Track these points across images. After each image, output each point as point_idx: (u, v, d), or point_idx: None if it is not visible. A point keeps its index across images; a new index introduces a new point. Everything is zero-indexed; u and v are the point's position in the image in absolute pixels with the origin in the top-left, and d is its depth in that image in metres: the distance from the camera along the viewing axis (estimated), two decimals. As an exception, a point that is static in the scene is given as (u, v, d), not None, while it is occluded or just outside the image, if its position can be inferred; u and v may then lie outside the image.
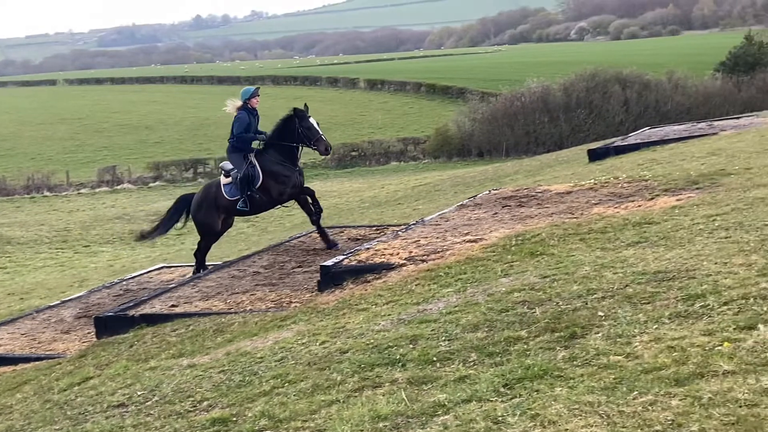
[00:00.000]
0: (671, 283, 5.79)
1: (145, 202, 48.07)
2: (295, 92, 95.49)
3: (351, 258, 9.03)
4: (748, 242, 6.44)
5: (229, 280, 10.47)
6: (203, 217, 12.57)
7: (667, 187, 10.05)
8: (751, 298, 5.08)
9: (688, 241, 6.92)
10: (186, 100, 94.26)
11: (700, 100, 59.59)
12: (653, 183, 10.58)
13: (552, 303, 5.96)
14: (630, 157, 16.37)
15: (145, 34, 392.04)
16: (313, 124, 12.02)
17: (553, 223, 8.96)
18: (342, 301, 7.90)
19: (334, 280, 8.60)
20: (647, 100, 59.13)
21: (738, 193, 8.64)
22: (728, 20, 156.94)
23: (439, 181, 29.51)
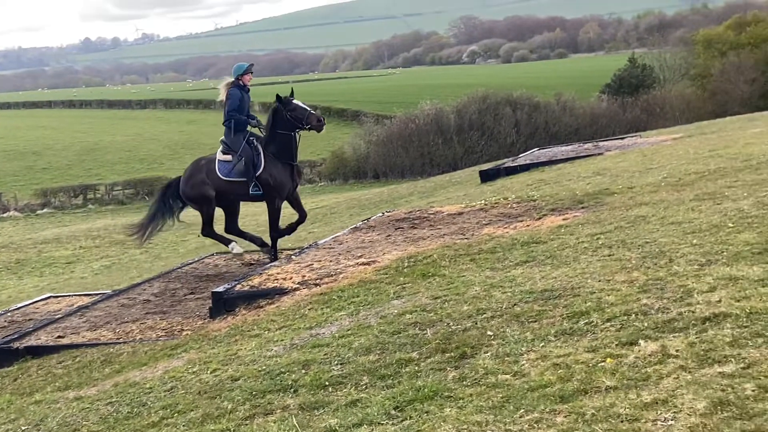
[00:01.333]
0: (557, 301, 5.92)
1: (33, 230, 46.38)
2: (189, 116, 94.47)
3: (243, 283, 8.93)
4: (629, 259, 6.65)
5: (118, 309, 10.20)
6: (193, 192, 11.78)
7: (555, 206, 10.29)
8: (632, 314, 5.23)
9: (574, 260, 7.10)
10: (75, 124, 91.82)
11: (588, 121, 61.46)
12: (541, 203, 10.82)
13: (443, 324, 6.01)
14: (520, 177, 16.74)
15: (31, 58, 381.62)
16: (299, 104, 11.56)
17: (445, 244, 9.06)
18: (234, 327, 7.80)
19: (227, 306, 8.49)
20: (537, 122, 60.61)
21: (621, 212, 8.92)
22: (613, 43, 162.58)
23: (335, 204, 29.48)
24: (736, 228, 6.97)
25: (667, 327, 4.86)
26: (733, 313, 4.81)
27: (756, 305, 4.85)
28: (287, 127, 11.46)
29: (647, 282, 5.88)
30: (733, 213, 7.60)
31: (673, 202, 8.85)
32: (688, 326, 4.79)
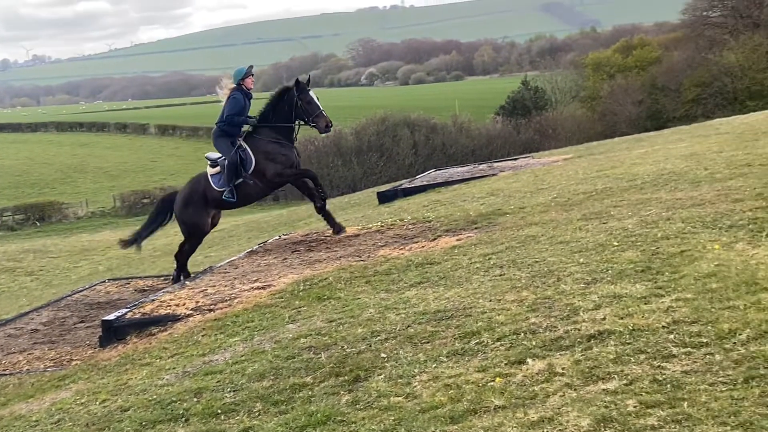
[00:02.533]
0: (450, 321, 5.99)
1: None
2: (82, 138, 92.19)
3: (135, 311, 8.73)
4: (519, 279, 6.78)
5: (4, 340, 9.84)
6: (191, 216, 11.41)
7: (449, 227, 10.41)
8: (521, 333, 5.33)
9: (466, 280, 7.19)
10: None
11: (483, 142, 62.64)
12: (436, 224, 10.94)
13: (337, 347, 6.00)
14: (416, 198, 16.87)
15: None
16: (314, 98, 11.13)
17: (341, 266, 9.06)
18: (125, 356, 7.61)
19: (117, 335, 8.28)
20: (435, 143, 61.45)
21: (512, 232, 9.09)
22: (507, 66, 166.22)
23: (234, 227, 29.15)
24: (620, 246, 7.18)
25: (554, 345, 4.97)
26: (616, 330, 4.95)
27: (638, 322, 5.00)
28: (291, 116, 11.09)
29: (536, 301, 6.00)
30: (618, 232, 7.83)
31: (562, 222, 9.07)
32: (574, 344, 4.91)
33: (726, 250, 6.37)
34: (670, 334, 4.73)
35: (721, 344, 4.43)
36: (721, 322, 4.71)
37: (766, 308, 4.80)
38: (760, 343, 4.32)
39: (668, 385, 4.07)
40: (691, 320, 4.87)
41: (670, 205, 8.88)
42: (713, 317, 4.83)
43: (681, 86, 65.65)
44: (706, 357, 4.31)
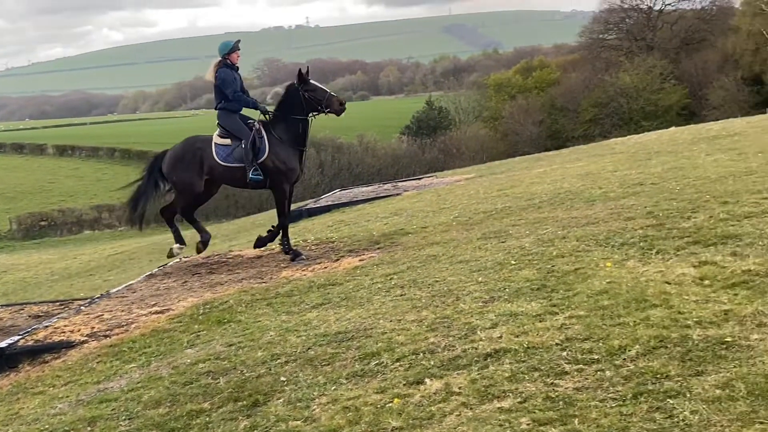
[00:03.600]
0: (350, 342, 5.99)
1: None
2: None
3: (28, 337, 8.44)
4: (420, 299, 6.83)
5: None
6: (180, 176, 10.71)
7: (352, 247, 10.43)
8: (420, 353, 5.36)
9: (368, 301, 7.21)
10: None
11: (389, 161, 63.03)
12: (339, 244, 10.95)
13: (236, 371, 5.93)
14: (321, 219, 16.86)
15: None
16: (318, 84, 10.78)
17: (243, 288, 8.97)
18: (17, 385, 7.34)
19: (9, 363, 7.97)
20: (341, 163, 61.52)
21: (414, 252, 9.16)
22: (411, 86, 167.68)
23: (136, 249, 28.58)
24: (518, 265, 7.32)
25: (452, 364, 5.01)
26: (512, 348, 5.03)
27: (533, 340, 5.09)
28: (301, 109, 10.58)
29: (435, 320, 6.05)
30: (516, 250, 7.98)
31: (462, 241, 9.18)
32: (471, 363, 4.96)
33: (617, 268, 6.56)
34: (563, 351, 4.83)
35: (611, 360, 4.54)
36: (612, 339, 4.83)
37: (655, 324, 4.95)
38: (649, 359, 4.45)
39: (560, 402, 4.15)
40: (584, 337, 4.98)
41: (566, 223, 9.09)
42: (604, 334, 4.96)
43: (579, 107, 67.45)
44: (597, 373, 4.41)
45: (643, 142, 22.90)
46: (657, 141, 21.76)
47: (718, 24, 71.36)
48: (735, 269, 5.90)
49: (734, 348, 4.38)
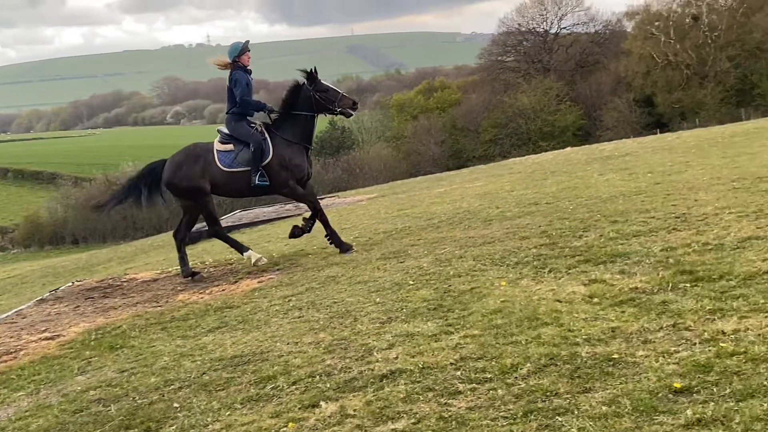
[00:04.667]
0: (246, 366, 5.91)
1: None
2: None
3: None
4: (318, 320, 6.80)
5: None
6: (182, 181, 10.26)
7: (251, 269, 10.33)
8: (317, 375, 5.33)
9: (265, 323, 7.14)
10: None
11: (292, 181, 62.67)
12: (238, 266, 10.83)
13: (129, 398, 5.78)
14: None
15: None
16: (329, 85, 10.45)
17: (137, 313, 8.78)
18: None
19: None
20: (242, 183, 60.88)
21: (313, 273, 9.13)
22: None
23: (28, 272, 27.68)
24: (415, 285, 7.37)
25: (348, 386, 5.00)
26: (407, 368, 5.05)
27: (428, 360, 5.12)
28: (309, 108, 10.36)
29: (333, 342, 6.03)
30: (414, 270, 8.04)
31: (362, 262, 9.20)
32: (367, 384, 4.96)
33: (512, 287, 6.67)
34: (457, 370, 4.87)
35: (503, 379, 4.60)
36: (505, 358, 4.90)
37: (546, 342, 5.04)
38: (539, 377, 4.53)
39: (453, 422, 4.18)
40: (477, 356, 5.04)
41: (464, 243, 9.21)
42: (498, 353, 5.02)
43: (479, 127, 68.66)
44: (489, 392, 4.46)
45: (540, 161, 23.44)
46: (553, 161, 22.31)
47: (611, 47, 73.67)
48: (623, 287, 6.07)
49: (621, 365, 4.49)
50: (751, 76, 63.05)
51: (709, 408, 3.75)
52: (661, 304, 5.45)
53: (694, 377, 4.12)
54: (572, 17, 76.73)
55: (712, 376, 4.10)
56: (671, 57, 65.47)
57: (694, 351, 4.47)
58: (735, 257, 6.39)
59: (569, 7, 76.30)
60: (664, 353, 4.52)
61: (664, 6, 68.55)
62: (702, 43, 64.99)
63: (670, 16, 66.93)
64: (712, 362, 4.25)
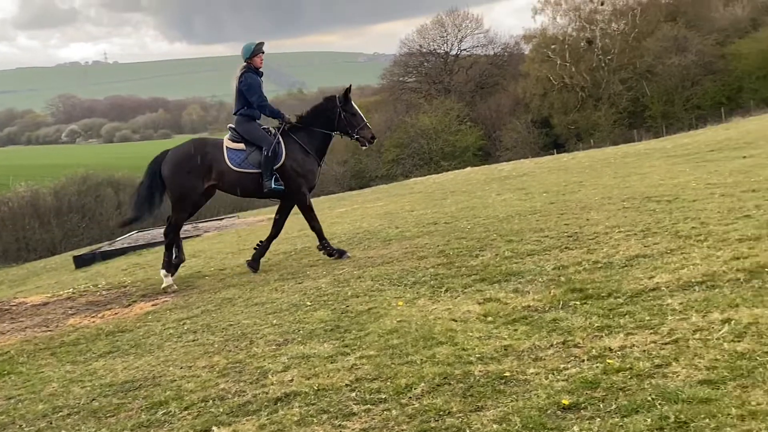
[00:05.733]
0: (137, 392, 5.76)
1: None
2: None
3: None
4: (212, 344, 6.69)
5: None
6: (182, 180, 9.96)
7: (146, 292, 10.12)
8: (210, 400, 5.24)
9: (158, 347, 6.99)
10: None
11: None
12: (132, 289, 10.60)
13: (15, 426, 5.57)
14: (116, 262, 16.29)
15: None
16: (357, 110, 10.21)
17: (25, 338, 8.48)
18: None
19: None
20: (141, 203, 59.66)
21: (209, 295, 9.00)
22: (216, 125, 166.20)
23: None
24: (313, 306, 7.33)
25: (242, 411, 4.93)
26: (302, 391, 5.01)
27: (323, 382, 5.09)
28: (330, 124, 10.23)
29: (227, 366, 5.94)
30: (312, 291, 8.01)
31: (260, 283, 9.12)
32: (261, 408, 4.89)
33: (408, 306, 6.70)
34: (352, 392, 4.85)
35: (398, 399, 4.61)
36: (400, 378, 4.91)
37: (440, 362, 5.07)
38: (433, 396, 4.55)
39: (347, 444, 4.16)
40: (373, 377, 5.03)
41: (363, 263, 9.23)
42: (392, 373, 5.03)
43: (382, 147, 68.98)
44: (383, 413, 4.46)
45: (440, 181, 23.72)
46: (453, 181, 22.61)
47: (509, 69, 75.22)
48: (516, 305, 6.17)
49: (512, 382, 4.55)
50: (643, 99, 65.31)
51: (596, 424, 3.83)
52: (552, 322, 5.56)
53: (582, 394, 4.20)
54: (472, 39, 78.09)
55: (599, 393, 4.19)
56: (567, 79, 67.32)
57: (582, 368, 4.56)
58: (623, 275, 6.57)
59: (469, 30, 77.68)
60: (554, 370, 4.61)
61: (560, 30, 70.48)
62: (596, 66, 67.02)
63: (565, 40, 68.81)
64: (599, 379, 4.35)
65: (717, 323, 4.88)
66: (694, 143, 22.56)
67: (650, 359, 4.50)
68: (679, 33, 63.87)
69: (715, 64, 63.27)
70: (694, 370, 4.23)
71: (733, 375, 4.06)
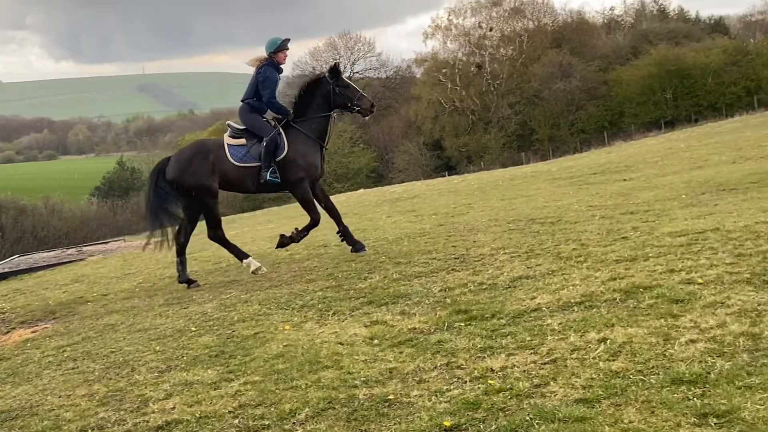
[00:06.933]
0: (14, 422, 5.55)
1: None
2: None
3: None
4: (93, 371, 6.50)
5: None
6: (191, 177, 9.79)
7: (25, 318, 9.78)
8: (89, 429, 5.08)
9: (36, 376, 6.75)
10: None
11: (78, 224, 60.07)
12: (11, 315, 10.22)
13: None
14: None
15: None
16: (351, 83, 10.29)
17: None
18: None
19: None
20: (24, 226, 57.69)
21: (91, 321, 8.75)
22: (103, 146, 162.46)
23: None
24: (198, 332, 7.22)
25: (121, 440, 4.80)
26: (184, 419, 4.91)
27: (206, 409, 5.01)
28: (326, 104, 10.18)
29: (107, 394, 5.78)
30: (198, 316, 7.88)
31: (144, 308, 8.93)
32: (141, 437, 4.78)
33: (295, 330, 6.67)
34: (235, 418, 4.79)
35: (281, 425, 4.57)
36: (284, 403, 4.87)
37: (325, 386, 5.06)
38: (317, 422, 4.52)
39: (228, 473, 4.10)
40: (257, 403, 4.98)
41: (250, 287, 9.14)
42: (277, 398, 4.98)
43: (274, 169, 68.66)
44: (266, 439, 4.41)
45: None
46: (346, 203, 22.65)
47: (402, 92, 76.14)
48: (402, 328, 6.21)
49: (396, 405, 4.57)
50: (530, 122, 67.07)
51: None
52: (436, 344, 5.62)
53: (464, 415, 4.25)
54: (364, 62, 78.77)
55: (480, 413, 4.24)
56: (458, 103, 68.58)
57: (464, 389, 4.62)
58: (506, 296, 6.70)
59: (361, 53, 78.34)
60: (437, 392, 4.65)
61: (450, 54, 71.85)
62: (486, 90, 68.53)
63: (456, 64, 70.15)
64: (480, 399, 4.41)
65: (594, 343, 5.03)
66: (578, 166, 23.26)
67: (530, 379, 4.60)
68: (564, 59, 65.97)
69: (598, 89, 65.58)
70: (570, 389, 4.34)
71: (608, 393, 4.18)
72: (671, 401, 3.95)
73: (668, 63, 62.36)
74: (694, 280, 6.17)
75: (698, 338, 4.80)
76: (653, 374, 4.35)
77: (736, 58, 63.32)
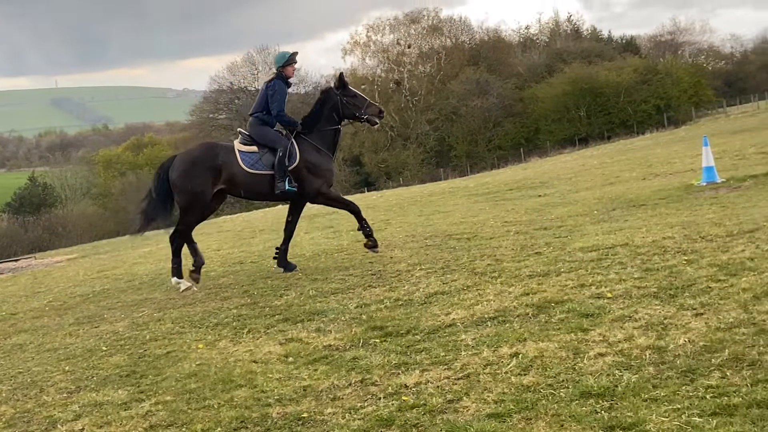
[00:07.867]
0: None
1: None
2: None
3: None
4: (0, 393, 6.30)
5: None
6: (192, 184, 9.62)
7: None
8: (-9, 455, 4.92)
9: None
10: None
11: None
12: None
13: None
14: None
15: None
16: (357, 92, 10.27)
17: None
18: None
19: None
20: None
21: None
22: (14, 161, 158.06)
23: None
24: (108, 351, 7.06)
25: (26, 465, 4.65)
26: (92, 441, 4.79)
27: (116, 430, 4.90)
28: (335, 116, 10.15)
29: (15, 416, 5.61)
30: (109, 336, 7.71)
31: (53, 328, 8.70)
32: (47, 462, 4.64)
33: (209, 349, 6.58)
34: (146, 440, 4.69)
35: (193, 446, 4.49)
36: (195, 423, 4.79)
37: (238, 405, 5.00)
38: (229, 441, 4.46)
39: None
40: (168, 423, 4.89)
41: (164, 305, 9.00)
42: (188, 419, 4.90)
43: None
44: (177, 461, 4.33)
45: (250, 220, 23.56)
46: (263, 219, 22.51)
47: (320, 108, 75.95)
48: (317, 345, 6.18)
49: (309, 423, 4.54)
50: (449, 139, 67.83)
51: (389, 461, 3.89)
52: (351, 361, 5.61)
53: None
54: (282, 78, 78.41)
55: (393, 430, 4.25)
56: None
57: (378, 405, 4.62)
58: (422, 312, 6.73)
59: (279, 68, 78.00)
60: (351, 409, 4.64)
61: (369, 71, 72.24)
62: (405, 106, 69.09)
63: (375, 81, 70.51)
64: (394, 416, 4.41)
65: (506, 357, 5.09)
66: (494, 182, 23.59)
67: (443, 395, 4.62)
68: (481, 77, 67.01)
69: (514, 106, 66.77)
70: (483, 404, 4.38)
71: (519, 408, 4.23)
72: (580, 414, 4.02)
73: (582, 81, 63.92)
74: (603, 295, 6.31)
75: (607, 352, 4.90)
76: (563, 388, 4.42)
77: (646, 76, 65.30)
